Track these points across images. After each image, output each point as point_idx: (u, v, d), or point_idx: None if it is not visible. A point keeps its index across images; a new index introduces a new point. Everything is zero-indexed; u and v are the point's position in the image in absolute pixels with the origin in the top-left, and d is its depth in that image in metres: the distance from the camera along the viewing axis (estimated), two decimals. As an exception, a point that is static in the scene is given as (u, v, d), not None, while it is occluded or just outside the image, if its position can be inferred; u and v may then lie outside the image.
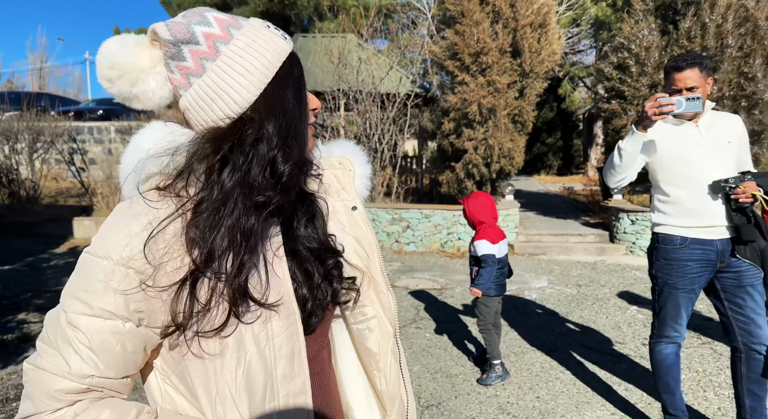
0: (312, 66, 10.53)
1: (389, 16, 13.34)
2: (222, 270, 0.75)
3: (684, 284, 2.46)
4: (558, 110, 21.56)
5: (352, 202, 0.97)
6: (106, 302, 0.73)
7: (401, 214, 8.31)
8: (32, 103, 11.45)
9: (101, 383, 0.75)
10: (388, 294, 0.96)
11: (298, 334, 0.81)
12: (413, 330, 4.56)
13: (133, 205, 0.77)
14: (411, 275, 6.63)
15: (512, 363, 3.82)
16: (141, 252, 0.73)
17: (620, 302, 5.38)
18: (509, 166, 8.54)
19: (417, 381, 3.54)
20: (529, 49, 8.28)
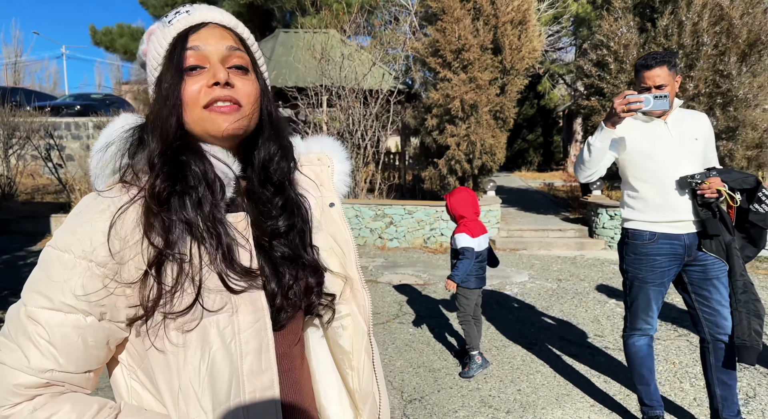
0: (294, 61, 10.46)
1: (372, 12, 13.30)
2: (184, 253, 0.75)
3: (653, 278, 2.52)
4: (538, 107, 21.76)
5: (330, 198, 0.96)
6: (66, 295, 0.73)
7: (384, 210, 8.32)
8: (6, 97, 11.19)
9: (62, 377, 0.74)
10: (363, 291, 0.95)
11: (266, 329, 0.80)
12: (396, 325, 4.59)
13: (96, 198, 0.78)
14: (394, 271, 6.65)
15: (494, 357, 3.87)
16: (104, 244, 0.73)
17: (599, 296, 5.48)
18: (491, 162, 8.61)
19: (400, 375, 3.56)
20: (510, 46, 8.34)
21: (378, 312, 4.97)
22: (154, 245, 0.74)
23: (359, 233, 8.41)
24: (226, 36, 0.83)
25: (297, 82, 9.98)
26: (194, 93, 0.79)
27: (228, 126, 0.80)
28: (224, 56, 0.81)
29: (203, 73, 0.80)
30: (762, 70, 7.53)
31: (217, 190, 0.80)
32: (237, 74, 0.82)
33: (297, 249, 0.87)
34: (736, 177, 2.42)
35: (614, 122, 2.32)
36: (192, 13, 0.82)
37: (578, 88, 10.06)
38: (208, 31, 0.82)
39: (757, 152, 7.72)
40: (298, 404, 0.89)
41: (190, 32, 0.81)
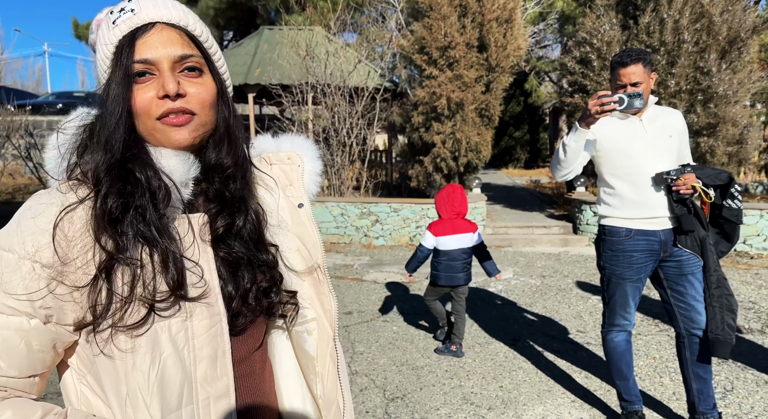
0: (279, 58, 10.39)
1: (358, 9, 13.26)
2: (135, 258, 0.73)
3: (630, 274, 2.54)
4: (525, 104, 21.86)
5: (299, 198, 0.94)
6: (8, 297, 0.70)
7: (370, 208, 8.31)
8: (-14, 96, 11.00)
9: (3, 382, 0.72)
10: (330, 296, 0.93)
11: (222, 335, 0.79)
12: (380, 323, 4.59)
13: (44, 195, 0.75)
14: (380, 269, 6.65)
15: (477, 354, 3.89)
16: (49, 244, 0.71)
17: (582, 292, 5.52)
18: (476, 159, 8.63)
19: (383, 374, 3.56)
20: (495, 43, 8.36)
21: (362, 310, 4.97)
22: (105, 249, 0.72)
23: (345, 231, 8.39)
24: (175, 38, 0.77)
25: (282, 80, 9.92)
26: (145, 103, 0.76)
27: (181, 138, 0.78)
28: (174, 62, 0.77)
29: (153, 80, 0.76)
30: (741, 67, 7.63)
31: (160, 198, 0.76)
32: (189, 78, 0.78)
33: (253, 250, 0.85)
34: (710, 173, 2.45)
35: (588, 123, 2.33)
36: (137, 12, 0.76)
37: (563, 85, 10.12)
38: (156, 35, 0.76)
39: (738, 148, 7.83)
40: (258, 410, 0.86)
41: (136, 35, 0.76)
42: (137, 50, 0.75)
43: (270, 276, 0.86)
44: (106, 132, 0.75)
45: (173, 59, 0.76)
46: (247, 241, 0.85)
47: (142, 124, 0.77)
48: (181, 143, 0.78)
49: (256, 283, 0.84)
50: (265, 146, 0.97)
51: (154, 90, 0.76)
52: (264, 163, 0.95)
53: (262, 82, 10.20)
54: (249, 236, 0.85)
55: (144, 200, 0.75)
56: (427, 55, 8.39)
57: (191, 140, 0.78)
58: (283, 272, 0.90)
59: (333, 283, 5.91)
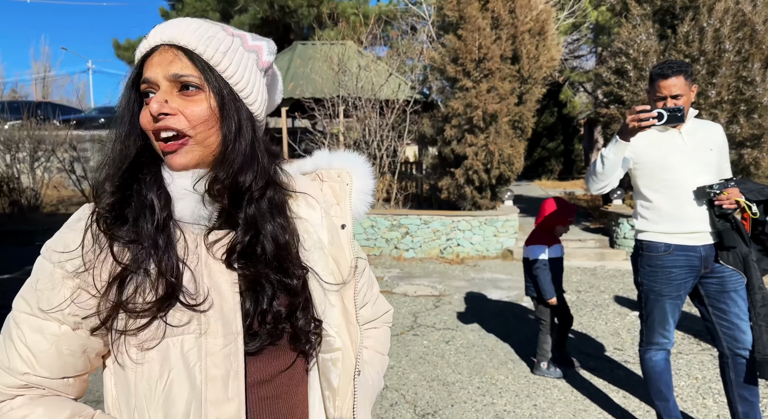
0: (311, 73, 10.55)
1: (389, 23, 13.38)
2: (146, 269, 0.75)
3: (669, 291, 2.45)
4: (559, 115, 21.54)
5: (342, 219, 0.90)
6: (42, 302, 0.75)
7: (400, 220, 8.30)
8: (32, 112, 11.51)
9: (38, 381, 0.76)
10: (357, 327, 0.89)
11: (236, 355, 0.77)
12: (410, 337, 4.54)
13: (81, 210, 0.81)
14: (410, 281, 6.61)
15: (510, 371, 3.80)
16: (79, 254, 0.76)
17: (619, 308, 5.35)
18: (509, 171, 8.53)
19: (413, 389, 3.51)
20: (528, 55, 8.29)
21: (393, 324, 4.92)
22: (117, 260, 0.75)
23: (375, 243, 8.39)
24: (173, 58, 0.78)
25: (314, 94, 10.06)
26: (144, 124, 0.80)
27: (175, 163, 0.79)
28: (170, 81, 0.78)
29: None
30: (788, 76, 7.34)
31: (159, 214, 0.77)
32: (183, 96, 0.78)
33: (275, 271, 0.82)
34: (753, 188, 2.35)
35: (628, 135, 2.26)
36: (148, 37, 0.80)
37: (598, 96, 9.95)
38: (157, 56, 0.79)
39: (784, 160, 7.50)
40: None
41: (146, 58, 0.80)
42: (144, 72, 0.79)
43: (289, 302, 0.83)
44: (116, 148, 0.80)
45: (168, 78, 0.78)
46: (269, 262, 0.82)
47: (153, 143, 0.80)
48: (177, 167, 0.79)
49: (275, 305, 0.81)
50: (321, 162, 0.95)
51: None
52: (318, 179, 0.93)
53: (295, 95, 10.36)
54: (270, 257, 0.82)
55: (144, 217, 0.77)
56: (461, 66, 8.37)
57: (185, 164, 0.78)
58: (314, 295, 0.86)
59: (363, 296, 5.89)
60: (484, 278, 6.79)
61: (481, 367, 3.86)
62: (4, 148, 10.71)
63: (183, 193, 0.79)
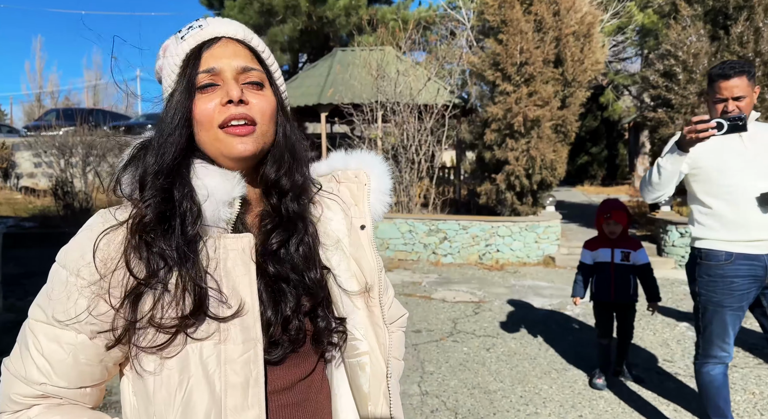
0: (350, 79, 10.64)
1: (428, 28, 13.38)
2: (165, 282, 0.72)
3: (731, 302, 2.32)
4: (602, 119, 21.00)
5: (362, 220, 0.88)
6: (58, 311, 0.73)
7: (438, 225, 8.24)
8: (85, 118, 12.03)
9: (55, 391, 0.74)
10: (385, 328, 0.86)
11: (256, 362, 0.75)
12: (450, 343, 4.48)
13: (98, 215, 0.78)
14: (448, 287, 6.54)
15: (553, 380, 3.70)
16: (90, 263, 0.72)
17: (668, 318, 5.14)
18: (551, 177, 8.36)
19: (454, 396, 3.46)
20: (572, 58, 8.12)
21: (431, 329, 4.89)
22: (133, 274, 0.72)
23: (413, 248, 8.35)
24: (239, 52, 0.79)
25: (353, 99, 10.13)
26: (209, 111, 0.76)
27: (243, 149, 0.76)
28: (238, 73, 0.78)
29: (216, 90, 0.77)
30: None
31: (189, 221, 0.74)
32: (251, 90, 0.78)
33: (301, 272, 0.81)
34: None
35: (687, 146, 2.15)
36: (205, 28, 0.79)
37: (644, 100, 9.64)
38: (222, 48, 0.78)
39: None
40: None
41: (203, 48, 0.78)
42: (203, 62, 0.77)
43: (314, 296, 0.82)
44: (163, 139, 0.76)
45: (237, 70, 0.77)
46: (297, 263, 0.81)
47: (204, 133, 0.77)
48: (242, 153, 0.76)
49: (299, 309, 0.80)
50: (336, 163, 0.94)
51: (218, 98, 0.76)
52: (334, 181, 0.92)
53: (335, 101, 10.47)
54: (300, 257, 0.81)
55: (174, 221, 0.74)
56: (501, 71, 8.28)
57: (253, 150, 0.77)
58: (335, 296, 0.85)
59: (401, 300, 5.87)
60: (524, 285, 6.66)
61: (523, 376, 3.78)
62: (58, 152, 11.23)
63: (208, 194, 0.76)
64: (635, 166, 18.95)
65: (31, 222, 10.06)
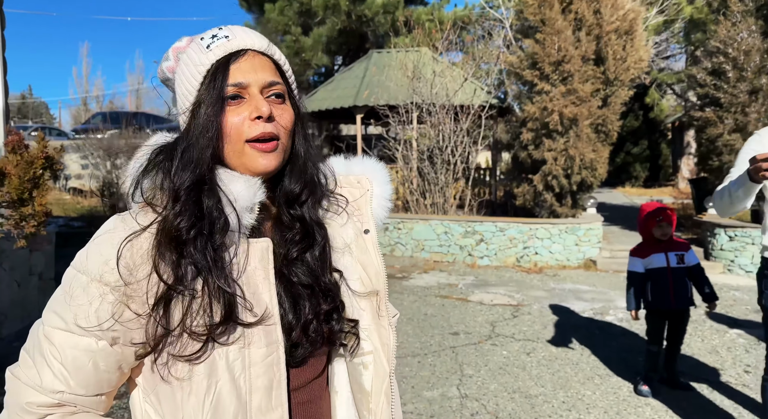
0: (386, 80, 10.66)
1: (464, 28, 13.28)
2: (194, 290, 0.72)
3: None
4: (644, 118, 20.40)
5: (366, 224, 0.90)
6: (79, 318, 0.72)
7: (474, 227, 8.16)
8: (129, 121, 12.43)
9: (72, 399, 0.73)
10: (389, 329, 0.89)
11: (279, 364, 0.77)
12: (489, 346, 4.43)
13: (115, 220, 0.77)
14: (485, 290, 6.47)
15: (596, 386, 3.60)
16: (114, 269, 0.71)
17: (717, 325, 4.94)
18: (591, 177, 8.16)
19: (494, 400, 3.41)
20: (614, 56, 7.92)
21: (469, 332, 4.83)
22: (162, 280, 0.72)
23: (448, 250, 8.30)
24: (265, 65, 0.80)
25: (389, 101, 10.14)
26: (237, 125, 0.77)
27: (267, 164, 0.78)
28: (264, 87, 0.79)
29: (243, 103, 0.78)
30: None
31: (217, 229, 0.75)
32: (275, 103, 0.80)
33: (318, 276, 0.83)
34: None
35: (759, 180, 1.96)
36: (231, 39, 0.79)
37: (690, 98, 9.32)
38: (249, 61, 0.79)
39: None
40: None
41: (230, 60, 0.78)
42: (231, 74, 0.77)
43: (332, 300, 0.84)
44: (196, 152, 0.76)
45: (263, 84, 0.79)
46: (314, 268, 0.83)
47: (230, 145, 0.78)
48: (266, 168, 0.78)
49: (318, 312, 0.82)
50: (337, 168, 0.94)
51: (246, 111, 0.77)
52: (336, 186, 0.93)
53: (370, 103, 10.50)
54: (317, 262, 0.84)
55: (204, 229, 0.74)
56: (538, 70, 8.14)
57: (276, 165, 0.79)
58: (345, 299, 0.87)
59: (438, 302, 5.84)
60: (565, 288, 6.52)
61: (565, 381, 3.69)
62: (104, 154, 11.64)
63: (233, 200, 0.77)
64: (679, 166, 18.33)
65: (79, 221, 10.46)
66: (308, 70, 15.27)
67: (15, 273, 4.73)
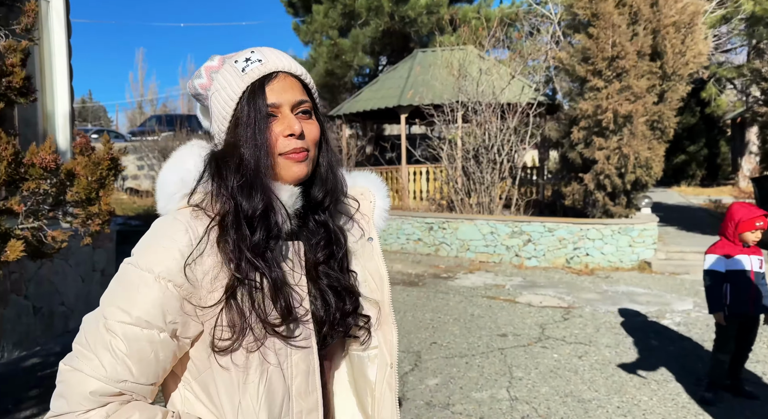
0: (431, 79, 10.61)
1: (511, 24, 13.05)
2: (255, 281, 0.81)
3: None
4: (702, 115, 19.46)
5: (369, 233, 1.00)
6: (144, 312, 0.78)
7: (522, 227, 8.01)
8: (182, 124, 12.87)
9: (133, 388, 0.79)
10: (392, 326, 0.99)
11: (313, 353, 0.87)
12: (539, 349, 4.34)
13: (174, 221, 0.83)
14: (534, 291, 6.34)
15: (653, 392, 3.47)
16: (182, 269, 0.79)
17: (786, 332, 4.66)
18: (646, 176, 7.86)
19: (546, 403, 3.34)
20: (672, 50, 7.59)
21: (518, 334, 4.75)
22: (232, 272, 0.80)
23: (494, 250, 8.18)
24: (295, 85, 0.89)
25: (433, 100, 10.10)
26: (271, 141, 0.86)
27: (299, 171, 0.87)
28: (294, 106, 0.88)
29: (275, 121, 0.87)
30: None
31: (275, 231, 0.84)
32: (303, 119, 0.89)
33: (341, 277, 0.94)
34: None
35: None
36: (265, 63, 0.88)
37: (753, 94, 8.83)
38: (281, 82, 0.87)
39: None
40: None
41: (265, 81, 0.87)
42: (267, 95, 0.86)
43: (354, 299, 0.95)
44: (254, 174, 0.84)
45: (293, 103, 0.87)
46: (337, 270, 0.94)
47: (269, 156, 0.86)
48: (299, 175, 0.87)
49: (343, 309, 0.92)
50: None
51: (279, 128, 0.86)
52: None
53: (414, 102, 10.48)
54: (339, 264, 0.94)
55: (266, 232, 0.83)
56: (591, 65, 7.91)
57: (307, 172, 0.88)
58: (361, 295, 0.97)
59: (485, 303, 5.77)
60: (618, 291, 6.32)
61: (620, 386, 3.58)
62: (159, 156, 12.11)
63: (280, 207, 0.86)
64: (740, 165, 17.41)
65: (136, 220, 10.93)
66: (350, 71, 15.35)
67: (80, 269, 4.99)
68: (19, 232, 2.38)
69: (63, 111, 4.82)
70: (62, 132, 4.81)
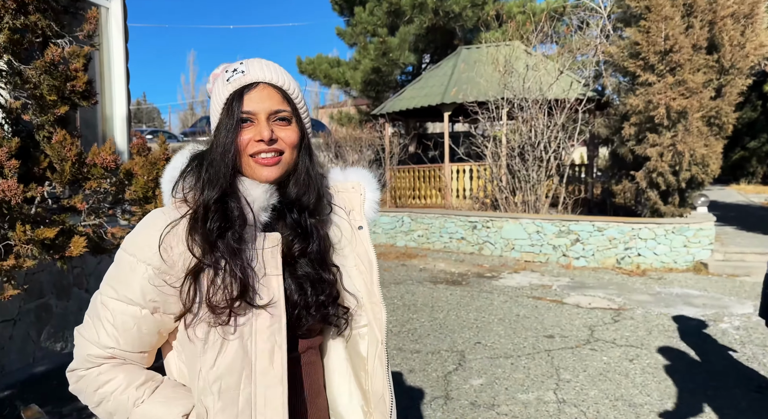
0: (476, 76, 10.48)
1: (559, 19, 12.74)
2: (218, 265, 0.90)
3: None
4: (763, 109, 18.44)
5: (359, 222, 1.10)
6: (128, 290, 0.92)
7: (569, 226, 7.82)
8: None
9: (121, 354, 0.95)
10: (381, 306, 1.07)
11: (280, 332, 0.93)
12: (587, 351, 4.23)
13: (157, 212, 0.97)
14: (582, 292, 6.17)
15: (710, 399, 3.32)
16: (156, 251, 0.91)
17: None
18: (702, 174, 7.52)
19: (595, 406, 3.26)
20: (730, 42, 7.22)
21: (565, 335, 4.64)
22: (196, 256, 0.91)
23: (541, 249, 8.02)
24: (272, 95, 0.97)
25: (478, 97, 9.97)
26: (243, 144, 0.96)
27: (268, 174, 0.97)
28: (270, 114, 0.97)
29: (252, 126, 0.96)
30: None
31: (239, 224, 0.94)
32: (279, 125, 0.98)
33: (317, 269, 1.02)
34: None
35: None
36: (246, 74, 0.97)
37: (822, 84, 8.27)
38: (259, 92, 0.97)
39: None
40: (309, 396, 1.05)
41: (244, 90, 0.96)
42: (245, 103, 0.96)
43: (329, 293, 1.02)
44: (220, 168, 0.95)
45: (269, 112, 0.97)
46: (314, 261, 1.02)
47: (239, 158, 0.97)
48: (268, 178, 0.97)
49: (317, 296, 1.00)
50: (336, 177, 1.13)
51: (252, 133, 0.96)
52: (334, 190, 1.12)
53: (458, 100, 10.38)
54: (315, 257, 1.02)
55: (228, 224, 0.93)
56: (642, 60, 7.63)
57: (276, 176, 0.97)
58: (345, 283, 1.06)
59: (530, 303, 5.67)
60: (671, 293, 6.07)
61: (674, 391, 3.44)
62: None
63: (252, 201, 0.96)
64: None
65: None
66: (395, 69, 15.34)
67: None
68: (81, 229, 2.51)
69: (120, 113, 5.04)
70: (120, 133, 5.04)
